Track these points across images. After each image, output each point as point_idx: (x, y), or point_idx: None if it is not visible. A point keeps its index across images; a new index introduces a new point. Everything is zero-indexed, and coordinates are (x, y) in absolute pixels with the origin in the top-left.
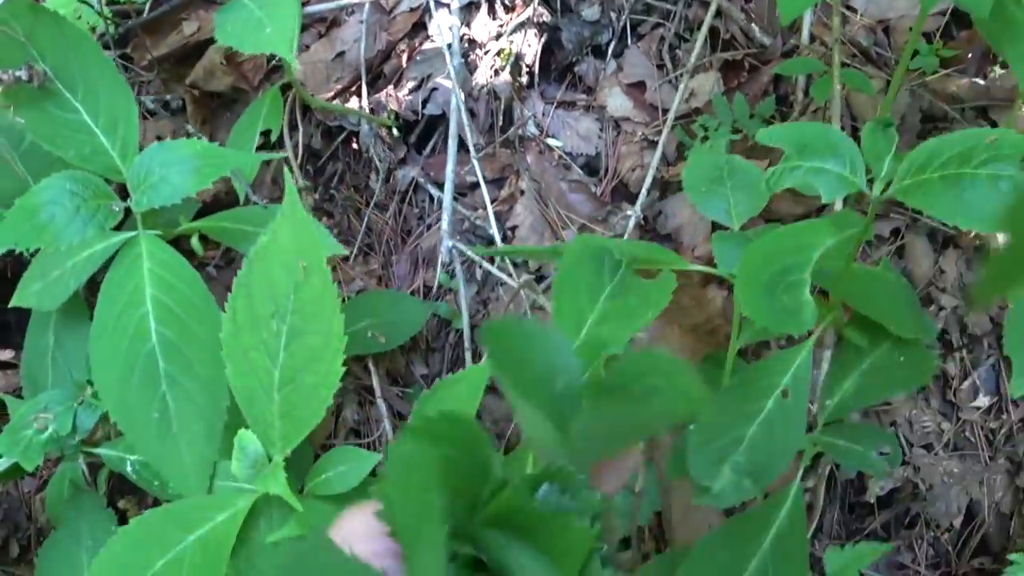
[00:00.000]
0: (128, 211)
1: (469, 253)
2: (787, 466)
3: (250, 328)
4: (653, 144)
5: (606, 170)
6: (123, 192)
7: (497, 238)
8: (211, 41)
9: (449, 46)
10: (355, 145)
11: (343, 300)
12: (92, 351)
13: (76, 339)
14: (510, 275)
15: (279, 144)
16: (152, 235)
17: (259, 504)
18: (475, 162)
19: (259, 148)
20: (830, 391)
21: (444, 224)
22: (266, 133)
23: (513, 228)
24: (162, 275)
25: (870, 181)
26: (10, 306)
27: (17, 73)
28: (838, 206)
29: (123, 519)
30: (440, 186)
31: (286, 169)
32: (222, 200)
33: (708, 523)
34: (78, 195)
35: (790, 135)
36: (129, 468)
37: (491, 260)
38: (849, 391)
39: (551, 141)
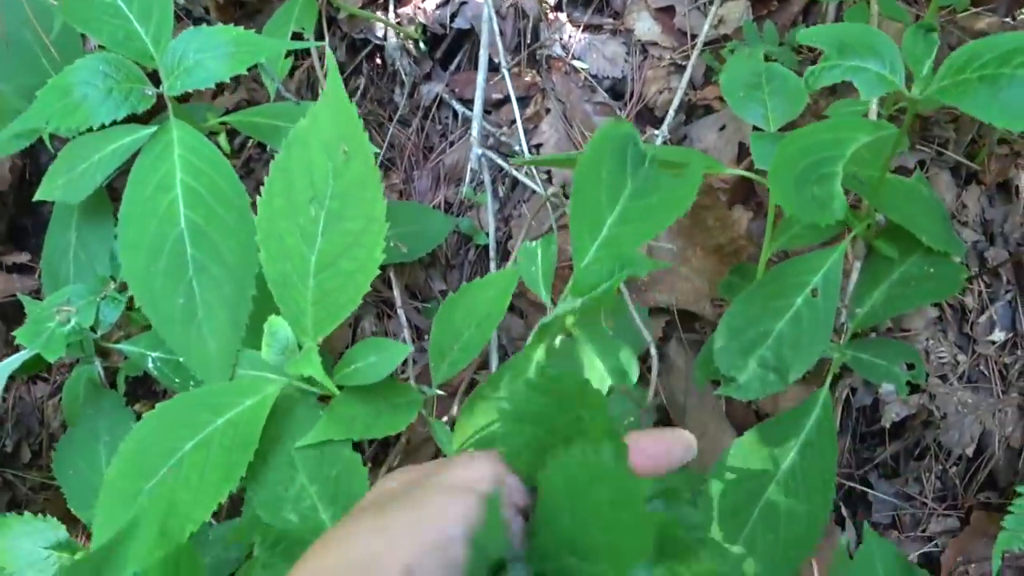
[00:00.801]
0: (155, 105)
1: (500, 161)
2: (812, 363)
3: (286, 213)
4: (680, 68)
5: (631, 93)
6: (154, 81)
7: (525, 152)
8: None
9: None
10: (379, 60)
11: None
12: (120, 234)
13: (98, 236)
14: (539, 184)
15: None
16: (183, 122)
17: (284, 397)
18: (506, 74)
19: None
20: (860, 300)
21: (474, 132)
22: (296, 36)
23: (538, 146)
24: (192, 161)
25: (908, 86)
26: (34, 200)
27: None
28: (873, 116)
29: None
30: (465, 102)
31: (328, 48)
32: None
33: (719, 448)
34: (111, 77)
35: (830, 35)
36: (151, 364)
37: (519, 169)
38: (879, 300)
39: (577, 63)
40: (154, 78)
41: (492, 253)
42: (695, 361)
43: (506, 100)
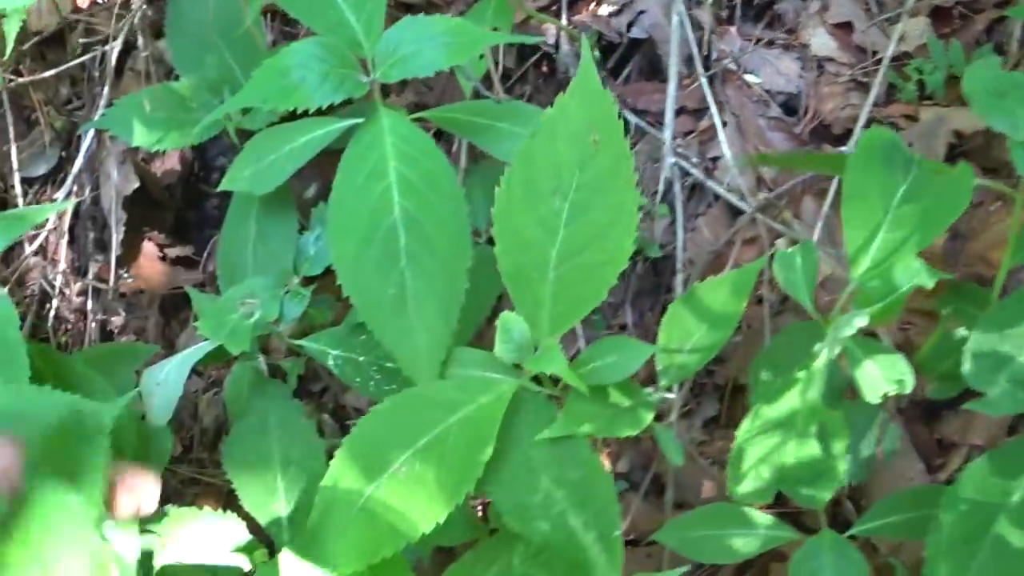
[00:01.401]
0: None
1: (693, 171)
2: None
3: (526, 205)
4: (861, 85)
5: (806, 109)
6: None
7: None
8: None
9: None
10: (545, 67)
11: None
12: (330, 222)
13: (280, 229)
14: (742, 197)
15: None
16: (392, 111)
17: (516, 396)
18: (705, 83)
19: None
20: None
21: (667, 140)
22: None
23: (714, 159)
24: (405, 149)
25: None
26: (219, 189)
27: None
28: None
29: None
30: (637, 112)
31: (584, 37)
32: None
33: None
34: (326, 61)
35: None
36: (331, 362)
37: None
38: None
39: (749, 77)
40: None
41: (679, 265)
42: (933, 382)
43: (680, 111)
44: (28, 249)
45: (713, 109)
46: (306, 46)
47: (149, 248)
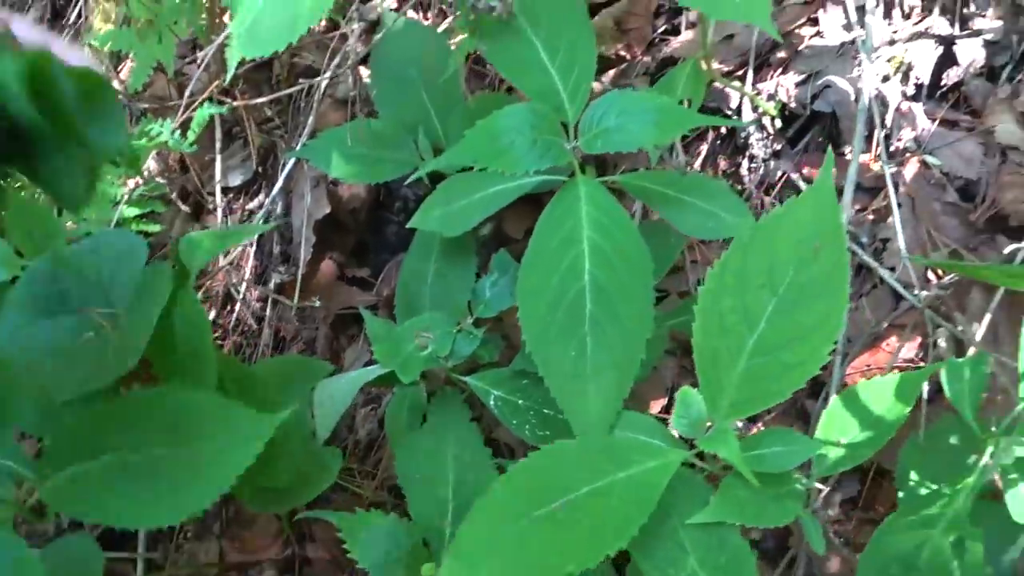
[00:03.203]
0: None
1: (868, 259)
2: None
3: (734, 291)
4: None
5: (983, 197)
6: None
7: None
8: (603, 5)
9: (862, 42)
10: (723, 129)
11: None
12: (521, 280)
13: (459, 270)
14: (911, 290)
15: None
16: (590, 179)
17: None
18: (885, 164)
19: None
20: None
21: (844, 218)
22: None
23: (885, 240)
24: (599, 218)
25: None
26: (409, 226)
27: (492, 3)
28: None
29: None
30: (810, 183)
31: (830, 153)
32: None
33: None
34: (536, 128)
35: None
36: (492, 401)
37: (890, 268)
38: None
39: (929, 158)
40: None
41: (839, 342)
42: None
43: (856, 188)
44: (223, 260)
45: (891, 192)
46: (517, 111)
47: (329, 266)
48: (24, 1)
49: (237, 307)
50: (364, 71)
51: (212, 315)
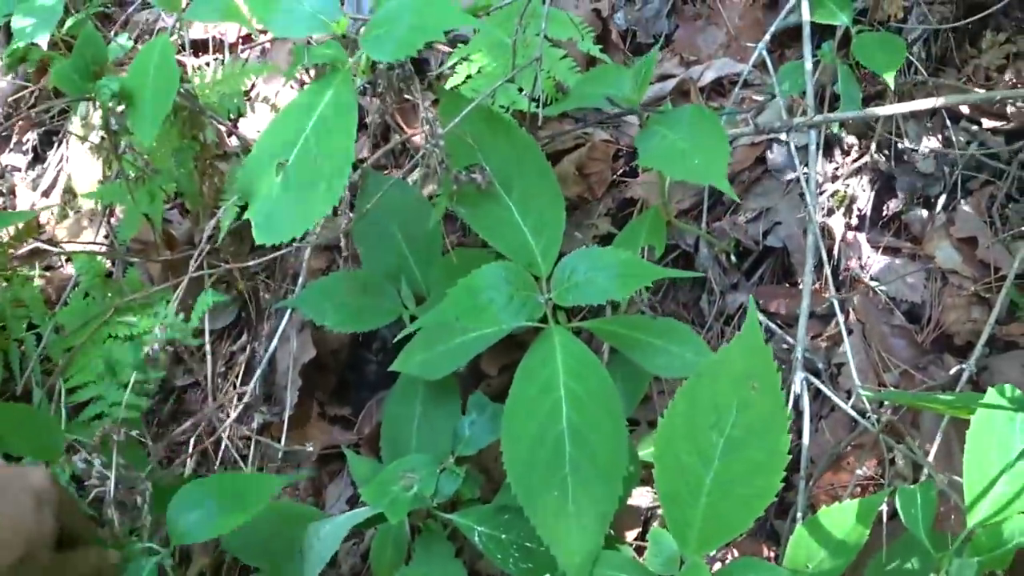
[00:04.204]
0: None
1: (825, 389)
2: None
3: (686, 434)
4: (983, 300)
5: (928, 319)
6: None
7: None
8: (565, 152)
9: (806, 181)
10: (682, 264)
11: None
12: (505, 426)
13: (444, 412)
14: (866, 417)
15: None
16: (563, 329)
17: None
18: (833, 295)
19: None
20: None
21: (798, 356)
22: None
23: (839, 366)
24: (574, 366)
25: None
26: (391, 369)
27: (473, 175)
28: None
29: None
30: (769, 315)
31: (751, 298)
32: None
33: None
34: (511, 284)
35: None
36: (477, 538)
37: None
38: None
39: (874, 284)
40: None
41: (803, 464)
42: None
43: (808, 315)
44: (210, 403)
45: (840, 320)
46: (494, 270)
47: (311, 407)
48: (8, 139)
49: (222, 446)
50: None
51: (196, 455)
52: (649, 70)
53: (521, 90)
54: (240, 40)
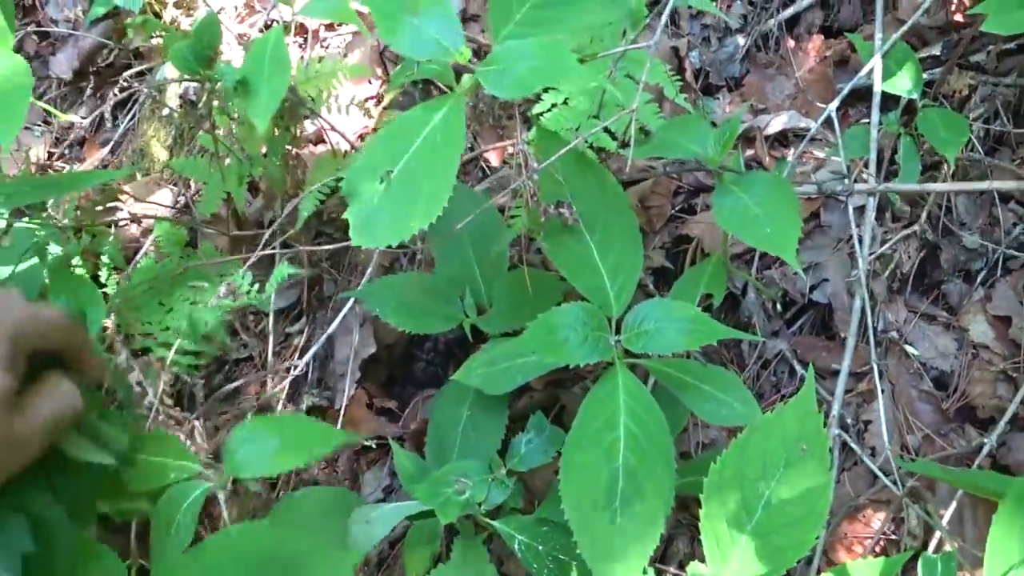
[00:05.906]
0: None
1: (855, 447)
2: None
3: (733, 484)
4: (1010, 379)
5: (955, 389)
6: None
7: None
8: (629, 184)
9: (859, 243)
10: (727, 305)
11: None
12: (566, 454)
13: (491, 421)
14: (888, 476)
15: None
16: (628, 371)
17: None
18: (873, 355)
19: None
20: None
21: (835, 411)
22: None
23: (867, 423)
24: (633, 407)
25: None
26: (453, 378)
27: (561, 211)
28: None
29: None
30: (803, 364)
31: (810, 367)
32: None
33: None
34: (588, 325)
35: None
36: (516, 545)
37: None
38: None
39: (909, 348)
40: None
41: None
42: None
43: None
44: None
45: (876, 381)
46: (573, 310)
47: (359, 395)
48: (81, 91)
49: None
50: None
51: None
52: (733, 134)
53: (607, 130)
54: (322, 27)
